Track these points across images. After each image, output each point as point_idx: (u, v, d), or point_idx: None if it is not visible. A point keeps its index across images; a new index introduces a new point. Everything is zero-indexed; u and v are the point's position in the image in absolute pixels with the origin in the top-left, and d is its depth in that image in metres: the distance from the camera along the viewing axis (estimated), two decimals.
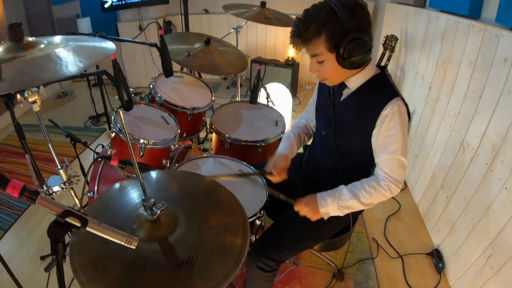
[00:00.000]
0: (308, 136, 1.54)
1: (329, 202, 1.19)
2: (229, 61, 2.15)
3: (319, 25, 1.01)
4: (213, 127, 1.88)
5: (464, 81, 1.84)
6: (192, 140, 2.22)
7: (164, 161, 1.67)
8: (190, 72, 2.36)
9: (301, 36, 1.05)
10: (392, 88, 1.13)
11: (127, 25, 4.32)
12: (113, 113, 1.61)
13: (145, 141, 1.52)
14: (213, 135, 1.91)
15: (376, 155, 1.17)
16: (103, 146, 1.99)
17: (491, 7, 1.72)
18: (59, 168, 1.20)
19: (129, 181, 1.09)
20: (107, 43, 1.01)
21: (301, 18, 1.05)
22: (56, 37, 0.95)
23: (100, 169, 1.70)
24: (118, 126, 1.51)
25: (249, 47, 4.67)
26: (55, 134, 3.29)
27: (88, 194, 1.60)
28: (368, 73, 1.14)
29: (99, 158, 1.43)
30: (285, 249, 1.26)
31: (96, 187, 1.64)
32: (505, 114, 1.48)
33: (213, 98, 2.07)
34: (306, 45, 1.07)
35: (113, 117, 1.56)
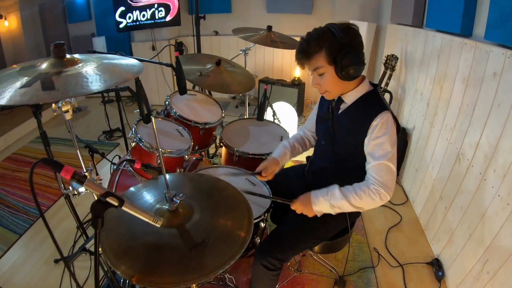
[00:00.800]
0: (303, 147, 1.66)
1: (321, 200, 1.30)
2: (238, 81, 2.28)
3: (319, 42, 1.20)
4: (223, 141, 2.01)
5: (458, 96, 1.94)
6: (202, 154, 2.35)
7: (178, 170, 1.80)
8: (202, 90, 2.52)
9: (305, 52, 1.23)
10: (382, 102, 1.28)
11: (140, 45, 4.52)
12: (133, 125, 1.76)
13: (162, 150, 1.68)
14: (223, 148, 2.04)
15: (366, 161, 1.29)
16: (119, 157, 2.14)
17: (481, 25, 1.83)
18: (84, 171, 1.31)
19: (145, 184, 1.23)
20: (133, 61, 1.16)
21: (305, 38, 1.24)
22: (91, 57, 1.10)
23: (117, 177, 1.84)
24: (139, 136, 1.67)
25: (257, 67, 4.81)
26: (68, 146, 3.45)
27: None
28: (362, 89, 1.30)
29: (123, 162, 1.56)
30: (288, 248, 1.36)
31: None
32: (495, 125, 1.58)
33: (223, 114, 2.22)
34: (309, 60, 1.24)
35: (134, 128, 1.72)
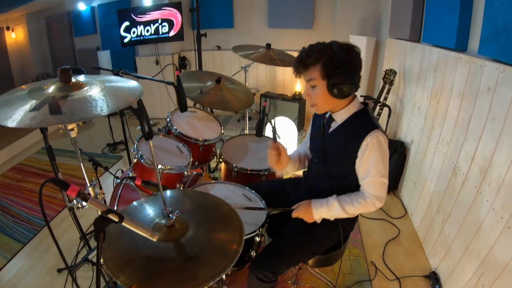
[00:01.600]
0: (308, 160, 1.68)
1: (321, 211, 1.38)
2: (237, 98, 2.34)
3: (318, 55, 1.23)
4: (222, 157, 2.07)
5: (454, 110, 1.98)
6: (202, 169, 2.40)
7: (178, 185, 1.85)
8: (202, 107, 2.59)
9: (302, 62, 1.27)
10: (372, 121, 1.31)
11: (144, 59, 4.64)
12: (135, 143, 1.83)
13: (162, 167, 1.73)
14: (222, 164, 2.10)
15: (360, 178, 1.34)
16: (122, 171, 2.20)
17: (475, 40, 1.87)
18: (88, 185, 1.36)
19: (146, 199, 1.29)
20: (134, 83, 1.23)
21: (306, 48, 1.28)
22: (95, 80, 1.17)
23: (120, 190, 1.89)
24: (140, 153, 1.73)
25: (259, 82, 4.90)
26: (72, 158, 3.51)
27: None
28: (352, 108, 1.34)
29: (125, 179, 1.62)
30: (281, 261, 1.40)
31: (116, 207, 1.82)
32: (490, 139, 1.61)
33: (222, 131, 2.27)
34: (305, 70, 1.28)
35: (135, 146, 1.78)
